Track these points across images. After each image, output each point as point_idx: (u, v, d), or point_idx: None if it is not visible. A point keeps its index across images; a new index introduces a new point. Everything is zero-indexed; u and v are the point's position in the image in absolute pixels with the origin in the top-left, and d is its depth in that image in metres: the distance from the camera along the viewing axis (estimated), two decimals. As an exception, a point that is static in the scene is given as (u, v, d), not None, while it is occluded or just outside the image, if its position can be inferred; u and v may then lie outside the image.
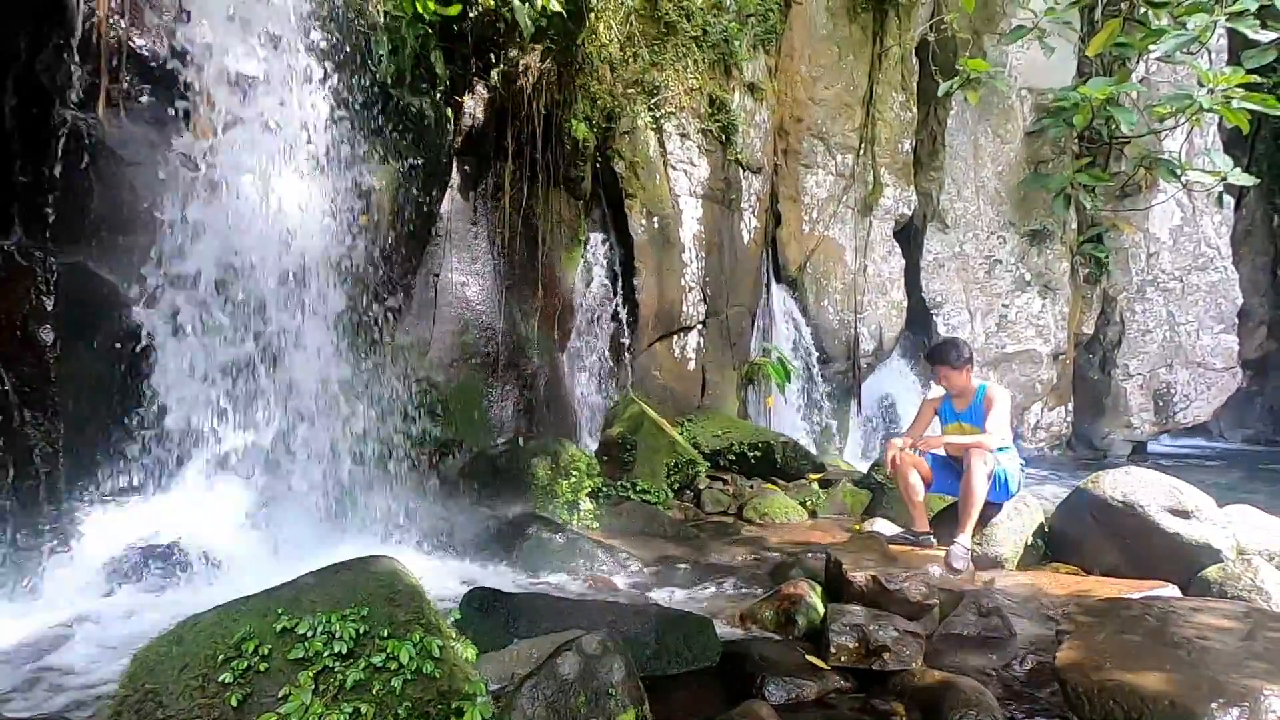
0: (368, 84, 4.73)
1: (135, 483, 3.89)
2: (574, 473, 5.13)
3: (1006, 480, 4.25)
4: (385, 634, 2.19)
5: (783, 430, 7.72)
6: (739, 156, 8.09)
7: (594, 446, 6.40)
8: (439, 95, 5.44)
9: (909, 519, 4.40)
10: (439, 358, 5.94)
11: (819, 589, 3.52)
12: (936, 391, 4.65)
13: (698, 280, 7.68)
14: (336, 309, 4.56)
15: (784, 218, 8.97)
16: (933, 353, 4.53)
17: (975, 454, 4.03)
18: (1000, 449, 4.19)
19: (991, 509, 4.26)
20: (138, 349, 3.92)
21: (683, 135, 7.55)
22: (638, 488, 5.66)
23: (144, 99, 4.01)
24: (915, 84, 9.57)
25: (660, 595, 3.84)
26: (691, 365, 7.71)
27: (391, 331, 5.21)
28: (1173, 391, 10.50)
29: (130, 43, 3.90)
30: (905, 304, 9.51)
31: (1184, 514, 4.02)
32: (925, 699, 2.57)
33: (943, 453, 4.41)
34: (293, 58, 4.29)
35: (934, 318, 9.69)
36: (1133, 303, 10.47)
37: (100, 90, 3.82)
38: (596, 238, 7.31)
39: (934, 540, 4.22)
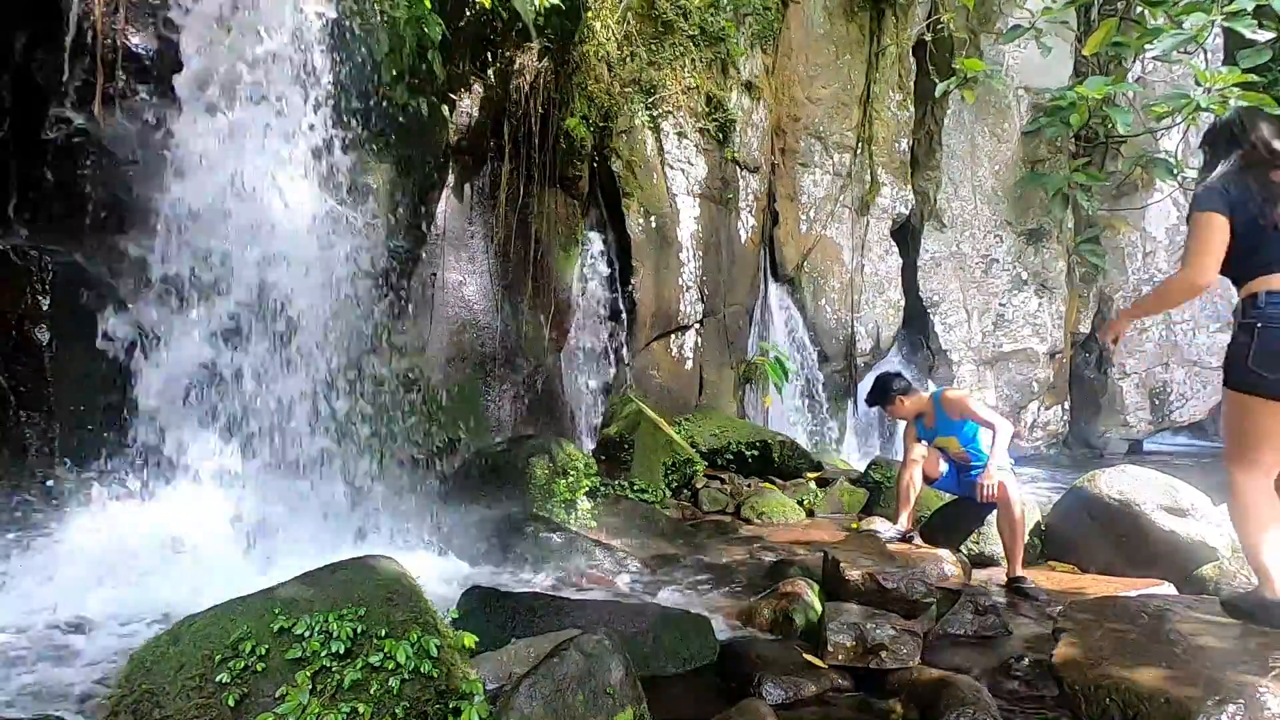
0: (365, 83, 4.72)
1: (131, 481, 3.88)
2: (571, 472, 5.13)
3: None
4: (383, 634, 2.19)
5: (780, 429, 7.73)
6: (736, 155, 8.09)
7: (591, 446, 6.39)
8: (436, 94, 5.44)
9: (894, 511, 4.41)
10: (436, 357, 5.93)
11: (816, 588, 3.53)
12: (908, 423, 4.57)
13: (695, 279, 7.68)
14: (333, 308, 4.56)
15: (781, 217, 8.97)
16: (868, 401, 4.63)
17: (1001, 488, 3.94)
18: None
19: (986, 509, 4.26)
20: (133, 348, 3.91)
21: (680, 134, 7.55)
22: (635, 487, 5.66)
23: (139, 97, 4.00)
24: (912, 83, 9.58)
25: (658, 594, 3.84)
26: (689, 364, 7.71)
27: (388, 330, 5.20)
28: (1169, 390, 10.53)
29: (125, 41, 3.90)
30: (902, 303, 9.52)
31: (1180, 512, 4.04)
32: (923, 697, 2.57)
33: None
34: (292, 57, 4.28)
35: (931, 317, 9.71)
36: (1129, 302, 10.50)
37: (96, 88, 3.81)
38: (594, 237, 7.31)
39: (911, 536, 4.26)
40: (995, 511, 4.06)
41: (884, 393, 4.43)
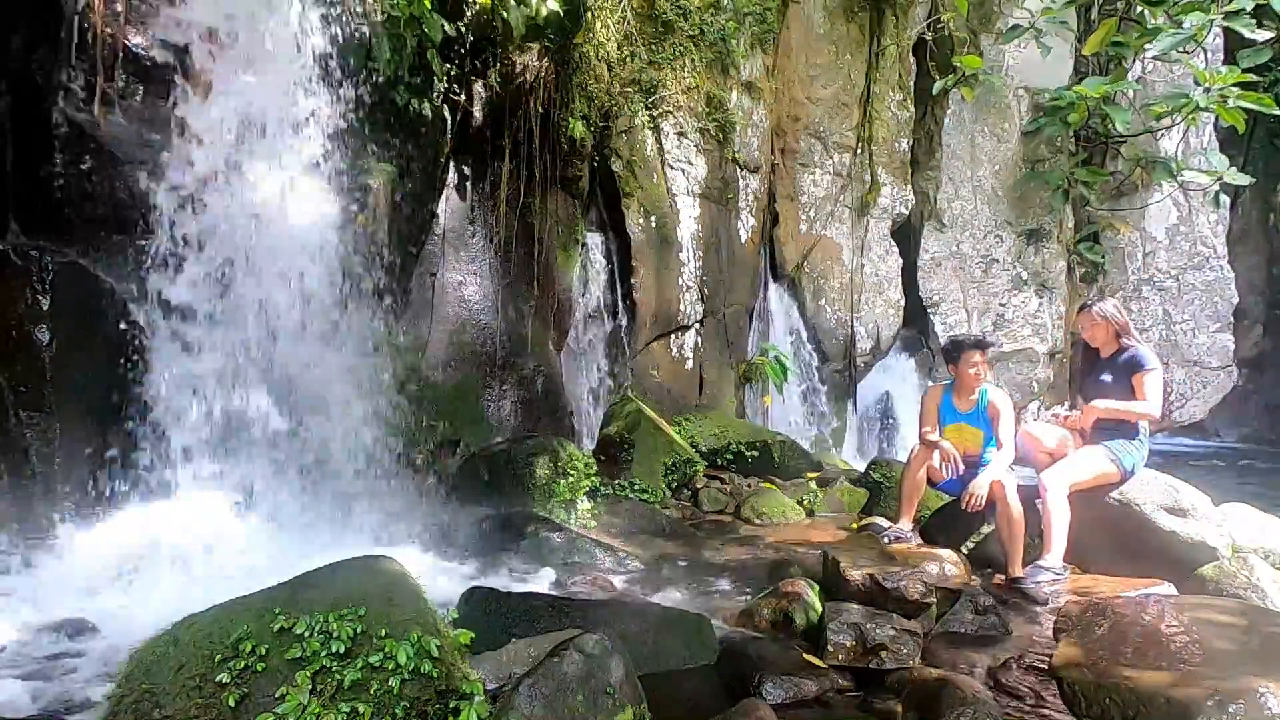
0: (366, 83, 4.72)
1: (131, 482, 3.88)
2: (572, 472, 5.13)
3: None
4: (383, 634, 2.19)
5: (780, 429, 7.72)
6: (736, 155, 8.08)
7: (591, 446, 6.39)
8: (436, 95, 5.44)
9: (896, 511, 4.44)
10: (436, 357, 5.93)
11: (816, 588, 3.53)
12: (935, 387, 4.71)
13: (695, 279, 7.68)
14: (334, 308, 4.56)
15: (781, 217, 8.96)
16: (978, 343, 4.58)
17: (999, 488, 4.00)
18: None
19: (987, 508, 4.26)
20: (133, 348, 3.91)
21: (680, 134, 7.54)
22: (635, 487, 5.66)
23: (139, 97, 4.00)
24: (912, 83, 9.58)
25: (658, 594, 3.84)
26: (689, 364, 7.71)
27: (389, 331, 5.20)
28: (1169, 390, 10.51)
29: (125, 41, 3.90)
30: (902, 303, 9.52)
31: (1180, 512, 4.03)
32: (923, 697, 2.57)
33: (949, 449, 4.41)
34: (292, 57, 4.28)
35: (931, 317, 9.70)
36: (1129, 302, 10.49)
37: (95, 89, 3.81)
38: (594, 237, 7.31)
39: (911, 536, 4.30)
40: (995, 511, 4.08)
41: (973, 345, 4.46)
